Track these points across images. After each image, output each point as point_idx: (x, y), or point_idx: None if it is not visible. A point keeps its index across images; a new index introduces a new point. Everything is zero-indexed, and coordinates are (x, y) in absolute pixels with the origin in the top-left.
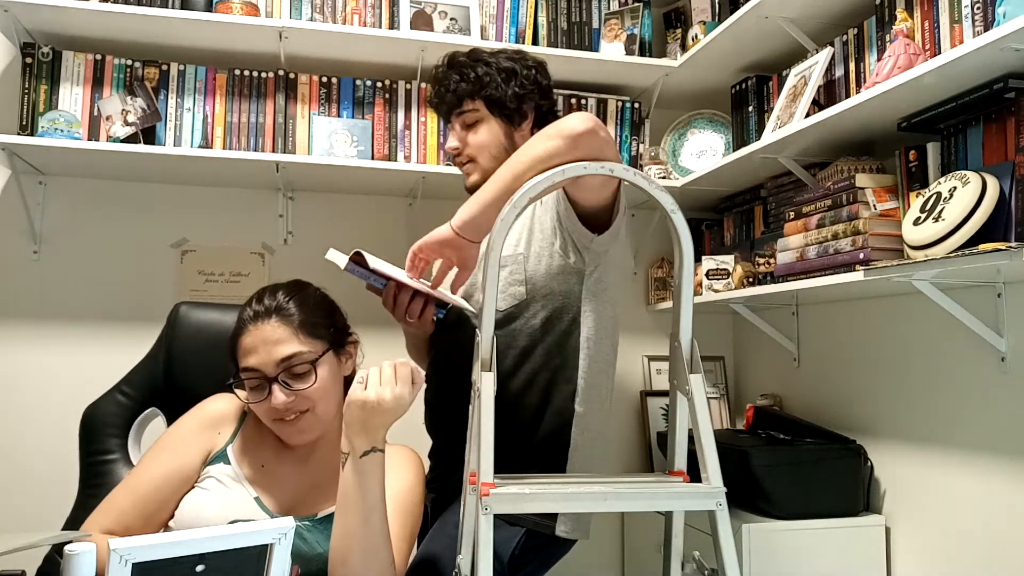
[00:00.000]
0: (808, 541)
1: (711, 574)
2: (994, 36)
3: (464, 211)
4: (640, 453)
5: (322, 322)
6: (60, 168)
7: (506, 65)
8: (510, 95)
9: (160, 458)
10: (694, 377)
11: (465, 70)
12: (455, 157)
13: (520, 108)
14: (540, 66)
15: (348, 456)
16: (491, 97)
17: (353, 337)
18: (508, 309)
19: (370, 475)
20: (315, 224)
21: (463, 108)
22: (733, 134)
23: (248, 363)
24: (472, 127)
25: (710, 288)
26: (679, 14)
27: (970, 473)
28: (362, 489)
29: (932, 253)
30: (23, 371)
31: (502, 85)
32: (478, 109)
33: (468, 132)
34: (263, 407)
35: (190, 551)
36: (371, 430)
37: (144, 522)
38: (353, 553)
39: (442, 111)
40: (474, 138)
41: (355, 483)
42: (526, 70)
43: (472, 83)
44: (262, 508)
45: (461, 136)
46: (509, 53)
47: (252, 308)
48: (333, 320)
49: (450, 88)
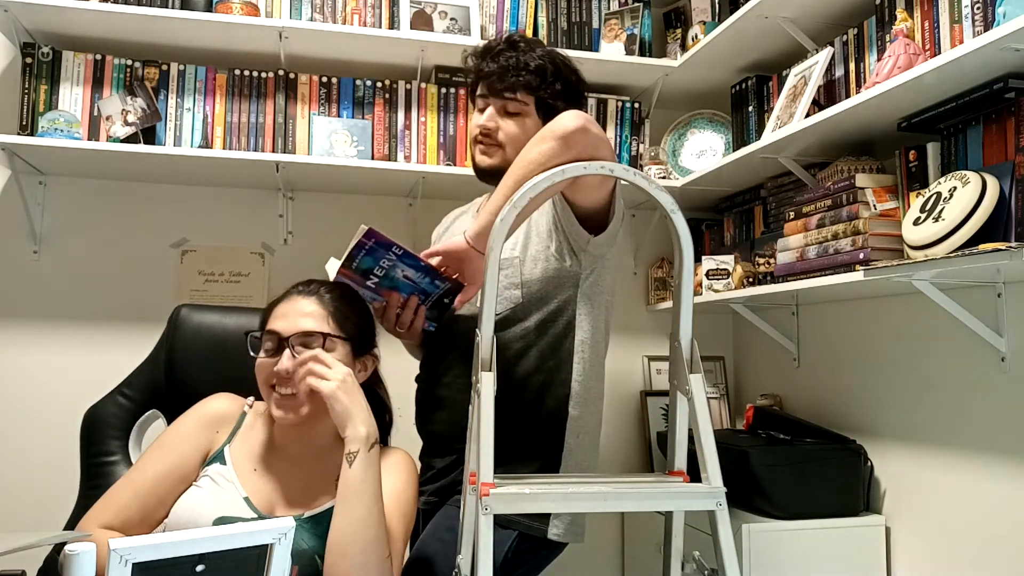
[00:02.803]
0: (808, 541)
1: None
2: (994, 36)
3: (477, 223)
4: (640, 453)
5: (353, 319)
6: (60, 168)
7: (564, 71)
8: (560, 104)
9: (160, 456)
10: (694, 377)
11: (529, 58)
12: (483, 135)
13: None
14: (583, 79)
15: (357, 453)
16: (544, 98)
17: (376, 352)
18: (503, 313)
19: (373, 467)
20: (315, 224)
21: (516, 96)
22: (733, 134)
23: (273, 326)
24: (512, 115)
25: (710, 288)
26: (679, 14)
27: (970, 473)
28: (367, 482)
29: (932, 253)
30: (23, 371)
31: (559, 92)
32: (527, 104)
33: (506, 118)
34: (265, 371)
35: (190, 551)
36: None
37: (143, 518)
38: (355, 546)
39: (490, 86)
40: (511, 127)
41: (362, 476)
42: (578, 82)
43: (535, 75)
44: (250, 506)
45: (497, 119)
46: (561, 57)
47: (298, 286)
48: (363, 324)
49: (511, 71)
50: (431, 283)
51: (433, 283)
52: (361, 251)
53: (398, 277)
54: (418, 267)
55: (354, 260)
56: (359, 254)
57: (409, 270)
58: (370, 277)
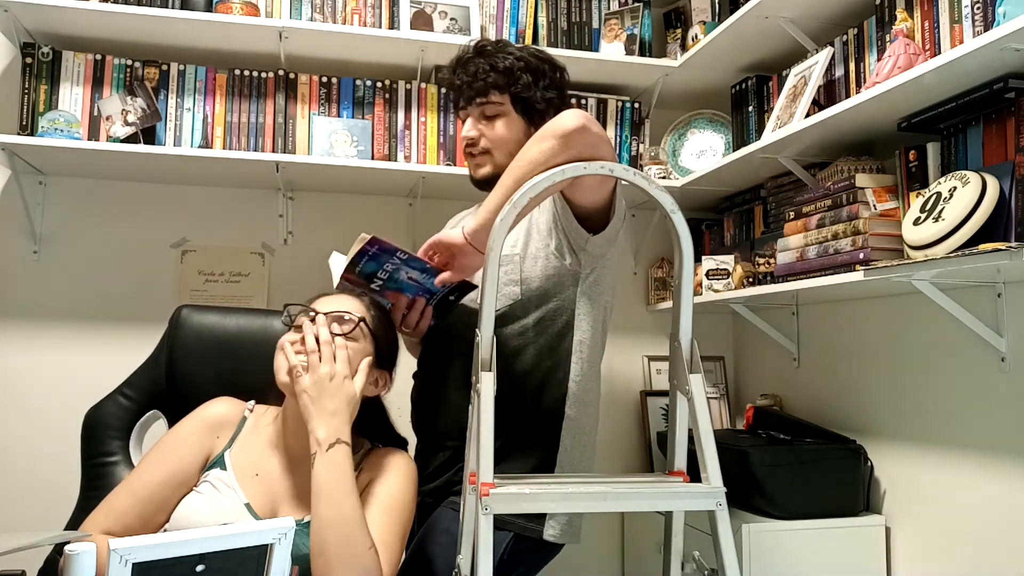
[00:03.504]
0: (808, 541)
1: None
2: (994, 36)
3: (476, 219)
4: (640, 453)
5: (384, 330)
6: (60, 168)
7: (535, 64)
8: (538, 95)
9: (160, 461)
10: (694, 377)
11: (496, 60)
12: (468, 147)
13: (542, 109)
14: (563, 70)
15: (316, 454)
16: (518, 94)
17: (393, 373)
18: (502, 309)
19: (337, 466)
20: (315, 224)
21: (488, 99)
22: (733, 134)
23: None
24: (492, 119)
25: (710, 288)
26: (679, 14)
27: (970, 473)
28: (331, 480)
29: (932, 253)
30: (23, 371)
31: (532, 84)
32: (503, 103)
33: (487, 124)
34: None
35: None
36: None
37: (143, 524)
38: (328, 543)
39: (464, 96)
40: (493, 132)
41: (324, 475)
42: (553, 72)
43: (502, 74)
44: (251, 513)
45: (480, 127)
46: (533, 51)
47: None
48: (392, 340)
49: (479, 76)
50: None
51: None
52: (364, 257)
53: (402, 279)
54: (423, 268)
55: (357, 265)
56: (362, 260)
57: (414, 272)
58: (374, 280)
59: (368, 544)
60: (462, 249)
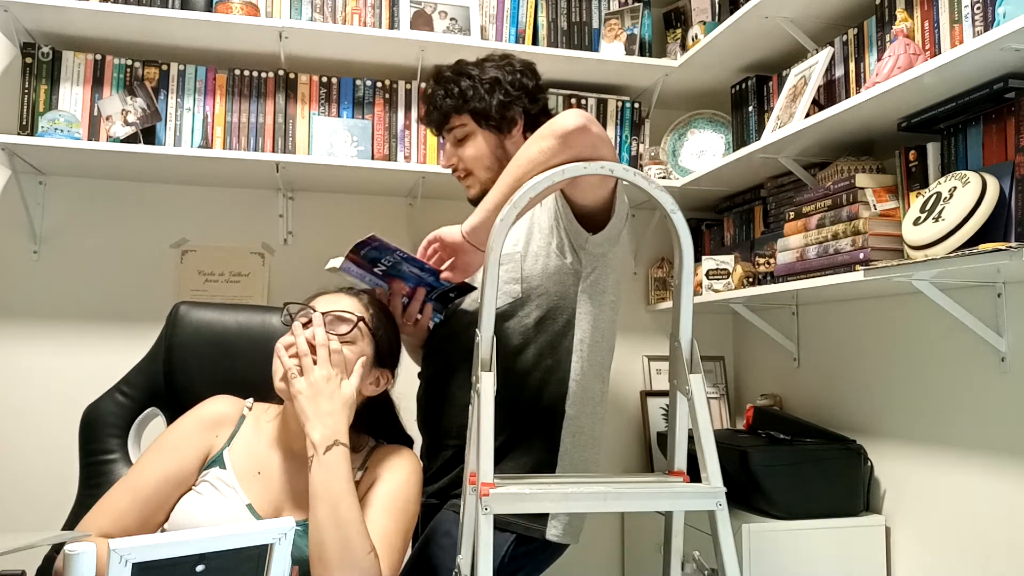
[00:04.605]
0: (808, 541)
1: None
2: (994, 36)
3: (473, 217)
4: (640, 453)
5: (384, 329)
6: (60, 168)
7: (490, 75)
8: (495, 105)
9: (158, 459)
10: (694, 377)
11: (449, 85)
12: (453, 172)
13: (507, 116)
14: (527, 68)
15: (312, 457)
16: (476, 110)
17: (395, 372)
18: (503, 307)
19: (334, 470)
20: (315, 224)
21: (451, 124)
22: (733, 134)
23: (312, 304)
24: (463, 141)
25: (710, 288)
26: (679, 14)
27: (970, 473)
28: (327, 484)
29: (932, 253)
30: (23, 371)
31: (486, 96)
32: (466, 124)
33: (459, 147)
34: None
35: (190, 551)
36: (322, 417)
37: (141, 523)
38: (326, 548)
39: (433, 129)
40: (466, 152)
41: (320, 480)
42: (511, 75)
43: (456, 98)
44: (253, 514)
45: (453, 152)
46: (495, 60)
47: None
48: (393, 339)
49: (436, 105)
50: (436, 280)
51: (439, 280)
52: (366, 247)
53: (404, 271)
54: (423, 268)
55: (361, 251)
56: (364, 248)
57: (414, 268)
58: (378, 265)
59: (367, 548)
60: (461, 247)
